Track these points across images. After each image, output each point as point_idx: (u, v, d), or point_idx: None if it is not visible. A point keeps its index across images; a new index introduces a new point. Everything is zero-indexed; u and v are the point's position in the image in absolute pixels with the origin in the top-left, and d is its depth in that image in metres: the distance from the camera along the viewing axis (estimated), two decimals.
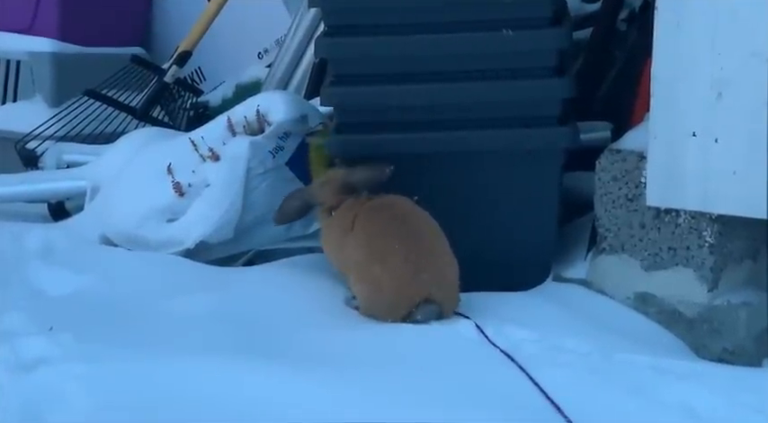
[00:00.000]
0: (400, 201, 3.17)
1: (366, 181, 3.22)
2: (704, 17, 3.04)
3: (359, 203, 3.19)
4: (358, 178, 3.23)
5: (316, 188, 3.31)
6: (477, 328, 2.99)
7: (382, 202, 3.17)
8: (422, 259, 3.05)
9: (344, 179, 3.24)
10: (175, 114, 4.87)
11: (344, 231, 3.17)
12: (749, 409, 2.61)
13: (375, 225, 3.12)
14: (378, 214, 3.14)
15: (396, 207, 3.16)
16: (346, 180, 3.24)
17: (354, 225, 3.15)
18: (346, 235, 3.16)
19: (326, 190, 3.26)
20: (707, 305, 3.15)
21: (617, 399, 2.63)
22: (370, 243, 3.10)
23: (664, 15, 3.12)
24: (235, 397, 2.56)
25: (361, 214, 3.15)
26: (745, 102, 3.00)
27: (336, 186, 3.25)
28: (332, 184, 3.26)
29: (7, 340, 2.81)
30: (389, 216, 3.13)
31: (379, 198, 3.18)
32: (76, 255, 3.53)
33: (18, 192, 4.17)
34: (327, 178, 3.31)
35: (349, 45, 3.36)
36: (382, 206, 3.16)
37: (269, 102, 3.66)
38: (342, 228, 3.19)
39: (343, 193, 3.23)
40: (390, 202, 3.17)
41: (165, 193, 3.57)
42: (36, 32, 4.99)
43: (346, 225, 3.17)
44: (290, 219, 3.42)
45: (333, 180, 3.27)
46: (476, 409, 2.53)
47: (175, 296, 3.22)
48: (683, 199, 3.14)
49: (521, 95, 3.32)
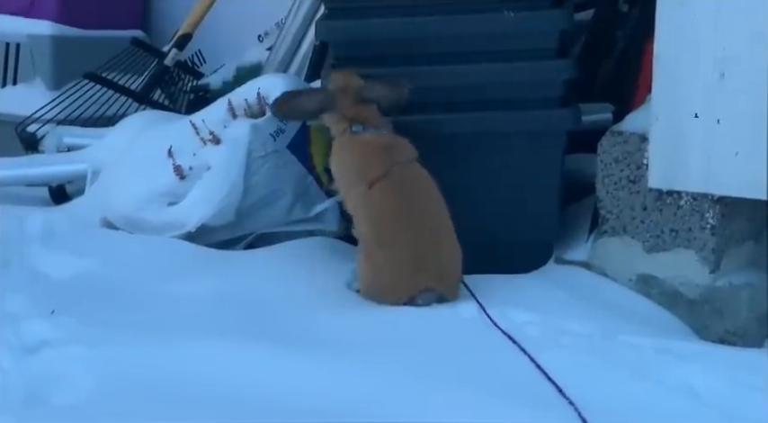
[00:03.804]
0: (417, 174, 3.11)
1: (384, 97, 3.18)
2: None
3: (389, 160, 3.09)
4: (377, 94, 3.18)
5: (333, 92, 3.22)
6: (479, 311, 2.99)
7: (403, 175, 3.09)
8: (426, 249, 3.04)
9: (363, 92, 3.19)
10: (176, 97, 4.87)
11: (361, 180, 3.10)
12: (751, 390, 2.61)
13: (387, 205, 3.08)
14: (395, 191, 3.08)
15: (412, 183, 3.10)
16: (365, 94, 3.19)
17: (373, 189, 3.08)
18: (360, 184, 3.10)
19: (345, 98, 3.20)
20: (709, 286, 3.15)
21: (619, 380, 2.63)
22: (377, 222, 3.07)
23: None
24: (236, 379, 2.56)
25: (383, 183, 3.07)
26: (747, 82, 2.99)
27: (355, 95, 3.19)
28: (351, 92, 3.19)
29: (10, 323, 2.81)
30: (404, 195, 3.08)
31: (403, 169, 3.10)
32: (78, 238, 3.53)
33: (19, 175, 4.17)
34: (346, 84, 3.22)
35: (349, 27, 3.35)
36: (403, 181, 3.09)
37: (270, 84, 3.66)
38: (360, 175, 3.11)
39: (360, 105, 3.17)
40: (410, 176, 3.10)
41: (166, 176, 3.57)
42: (35, 15, 4.98)
43: (369, 176, 3.09)
44: (294, 116, 3.35)
45: (352, 88, 3.20)
46: (478, 392, 2.54)
47: (176, 279, 3.22)
48: (685, 180, 3.14)
49: (522, 77, 3.31)
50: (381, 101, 3.20)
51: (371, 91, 3.20)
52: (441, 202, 3.11)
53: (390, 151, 3.14)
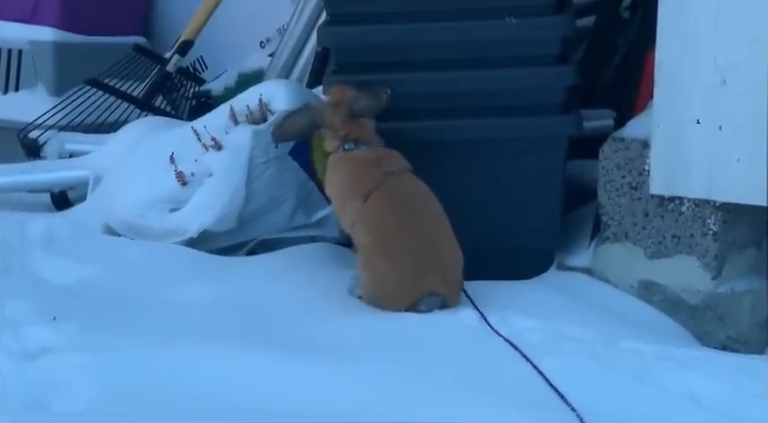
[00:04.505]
0: (412, 184, 3.13)
1: (368, 109, 3.19)
2: (708, 3, 3.03)
3: (379, 172, 3.11)
4: (360, 107, 3.19)
5: (326, 108, 3.23)
6: (480, 317, 2.99)
7: (396, 186, 3.11)
8: (427, 256, 3.04)
9: (351, 106, 3.19)
10: (177, 103, 4.86)
11: (355, 195, 3.12)
12: (752, 396, 2.60)
13: (385, 215, 3.08)
14: (391, 201, 3.10)
15: (408, 193, 3.11)
16: (353, 108, 3.19)
17: (368, 202, 3.10)
18: (355, 199, 3.11)
19: (337, 114, 3.20)
20: (711, 293, 3.15)
21: (621, 386, 2.63)
22: (378, 233, 3.08)
23: (667, 2, 3.11)
24: (236, 385, 2.56)
25: (377, 195, 3.09)
26: (749, 88, 2.99)
27: (347, 111, 3.19)
28: (343, 108, 3.19)
29: (10, 329, 2.81)
30: (401, 203, 3.09)
31: (395, 180, 3.11)
32: (79, 244, 3.53)
33: (20, 181, 4.17)
34: (337, 100, 3.22)
35: (351, 34, 3.35)
36: (397, 191, 3.10)
37: (271, 91, 3.66)
38: (354, 190, 3.13)
39: (351, 120, 3.17)
40: (405, 186, 3.12)
41: (167, 182, 3.57)
42: (37, 21, 4.98)
43: (361, 191, 3.11)
44: (292, 137, 3.36)
45: (343, 105, 3.20)
46: (479, 397, 2.53)
47: (178, 285, 3.22)
48: (687, 187, 3.14)
49: (524, 83, 3.31)
50: (368, 112, 3.20)
51: (358, 103, 3.20)
52: (438, 208, 3.11)
53: (380, 163, 3.15)
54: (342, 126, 3.20)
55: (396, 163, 3.16)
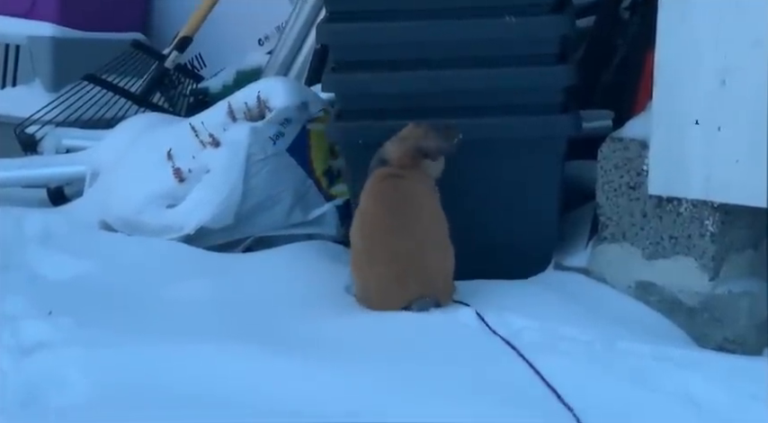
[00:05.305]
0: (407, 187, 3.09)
1: (436, 150, 3.10)
2: (708, 4, 3.03)
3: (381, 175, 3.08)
4: (428, 147, 3.09)
5: (393, 142, 3.11)
6: (477, 317, 2.98)
7: (389, 188, 3.08)
8: (413, 259, 3.02)
9: (418, 143, 3.08)
10: (175, 100, 4.86)
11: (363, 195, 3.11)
12: (750, 398, 2.60)
13: (375, 215, 3.07)
14: (380, 199, 3.09)
15: (400, 190, 3.09)
16: (419, 144, 3.08)
17: (362, 204, 3.09)
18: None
19: (399, 148, 3.08)
20: (708, 294, 3.14)
21: (617, 387, 2.63)
22: (365, 235, 3.06)
23: (667, 3, 3.11)
24: (233, 382, 2.56)
25: (368, 193, 3.08)
26: (748, 90, 2.99)
27: (411, 148, 3.08)
28: (408, 144, 3.09)
29: (7, 324, 2.82)
30: (391, 200, 3.07)
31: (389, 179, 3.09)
32: (76, 240, 3.53)
33: (17, 176, 4.16)
34: (405, 135, 3.11)
35: (350, 31, 3.35)
36: (390, 194, 3.08)
37: (270, 88, 3.66)
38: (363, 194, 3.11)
39: (411, 157, 3.08)
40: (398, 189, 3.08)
41: (165, 178, 3.57)
42: (36, 16, 4.97)
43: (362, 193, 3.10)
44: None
45: (410, 140, 3.09)
46: (476, 397, 2.53)
47: (175, 282, 3.22)
48: (686, 187, 3.13)
49: (522, 83, 3.30)
50: (435, 153, 3.11)
51: (426, 142, 3.09)
52: (432, 212, 3.08)
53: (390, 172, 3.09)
54: (397, 161, 3.10)
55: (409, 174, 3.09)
